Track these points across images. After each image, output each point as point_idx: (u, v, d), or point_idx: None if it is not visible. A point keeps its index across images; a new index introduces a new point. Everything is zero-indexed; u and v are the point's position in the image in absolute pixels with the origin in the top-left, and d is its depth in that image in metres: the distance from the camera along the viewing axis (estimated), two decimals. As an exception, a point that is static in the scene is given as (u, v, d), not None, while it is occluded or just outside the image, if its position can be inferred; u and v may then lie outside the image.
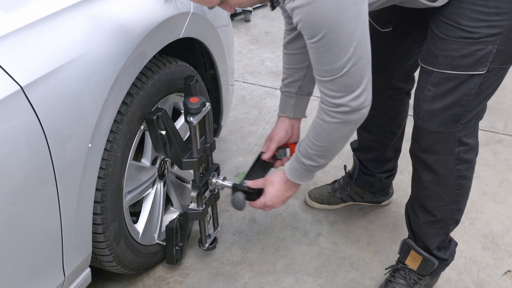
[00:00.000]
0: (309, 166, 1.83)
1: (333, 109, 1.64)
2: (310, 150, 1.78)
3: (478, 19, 1.68)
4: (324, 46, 1.52)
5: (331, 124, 1.67)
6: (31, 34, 1.53)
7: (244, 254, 2.41)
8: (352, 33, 1.50)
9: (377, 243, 2.50)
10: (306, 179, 1.92)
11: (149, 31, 1.84)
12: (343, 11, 1.46)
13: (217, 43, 2.35)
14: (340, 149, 1.81)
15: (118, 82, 1.74)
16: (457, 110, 1.82)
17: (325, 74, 1.58)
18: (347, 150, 3.02)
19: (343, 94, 1.60)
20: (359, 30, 1.51)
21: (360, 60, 1.54)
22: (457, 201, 2.01)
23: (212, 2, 1.62)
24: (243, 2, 1.65)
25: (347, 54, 1.52)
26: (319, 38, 1.50)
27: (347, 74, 1.55)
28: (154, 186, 2.21)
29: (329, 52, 1.53)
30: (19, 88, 1.44)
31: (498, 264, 2.39)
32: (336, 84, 1.58)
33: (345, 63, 1.53)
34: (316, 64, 1.59)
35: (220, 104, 2.57)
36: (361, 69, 1.57)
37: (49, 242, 1.65)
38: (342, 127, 1.68)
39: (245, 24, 4.74)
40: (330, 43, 1.50)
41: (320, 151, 1.77)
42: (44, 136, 1.51)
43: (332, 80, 1.58)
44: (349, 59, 1.53)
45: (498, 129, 3.32)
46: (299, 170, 1.87)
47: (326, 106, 1.65)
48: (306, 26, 1.51)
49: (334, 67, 1.55)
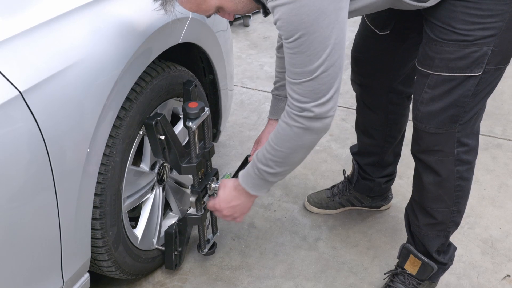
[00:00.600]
0: (263, 172, 1.81)
1: (297, 112, 1.64)
2: (268, 154, 1.77)
3: (471, 22, 1.69)
4: (298, 48, 1.53)
5: (293, 128, 1.67)
6: (30, 39, 1.54)
7: (243, 259, 2.41)
8: (327, 39, 1.51)
9: (376, 247, 2.50)
10: (257, 188, 1.88)
11: (148, 36, 1.84)
12: (321, 15, 1.48)
13: (216, 48, 2.36)
14: (297, 162, 1.79)
15: (117, 87, 1.74)
16: (454, 111, 1.83)
17: (296, 76, 1.59)
18: (346, 155, 3.03)
19: (309, 99, 1.60)
20: (335, 36, 1.52)
21: (331, 67, 1.55)
22: (457, 203, 2.02)
23: (208, 10, 1.65)
24: (239, 9, 1.67)
25: (319, 59, 1.53)
26: (294, 39, 1.52)
27: (317, 79, 1.56)
28: (153, 191, 2.21)
29: (302, 55, 1.54)
30: (18, 93, 1.44)
31: (497, 269, 2.39)
32: (304, 88, 1.59)
33: (317, 68, 1.55)
34: (288, 65, 1.60)
35: (219, 109, 2.57)
36: (331, 77, 1.57)
37: (48, 247, 1.65)
38: (303, 133, 1.67)
39: (244, 29, 4.75)
40: (304, 45, 1.52)
41: (277, 157, 1.76)
42: (43, 141, 1.51)
43: (300, 83, 1.59)
44: (321, 64, 1.54)
45: (496, 133, 3.33)
46: (253, 176, 1.85)
47: (291, 109, 1.66)
48: (283, 25, 1.52)
49: (305, 70, 1.56)
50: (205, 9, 1.64)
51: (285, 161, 1.77)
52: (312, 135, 1.68)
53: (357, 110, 2.42)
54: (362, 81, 2.29)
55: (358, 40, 2.22)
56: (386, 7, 1.77)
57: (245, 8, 1.67)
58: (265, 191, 1.90)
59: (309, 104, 1.61)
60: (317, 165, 3.01)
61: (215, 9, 1.66)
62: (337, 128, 3.33)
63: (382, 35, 2.08)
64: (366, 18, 2.13)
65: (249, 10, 1.69)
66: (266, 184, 1.86)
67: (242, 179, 1.89)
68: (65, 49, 1.61)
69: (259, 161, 1.80)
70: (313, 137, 1.69)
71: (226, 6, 1.64)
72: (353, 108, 3.30)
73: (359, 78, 2.30)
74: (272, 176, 1.82)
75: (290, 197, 2.77)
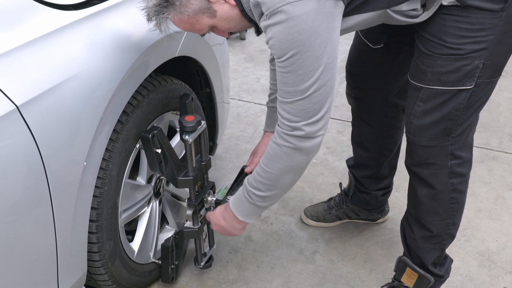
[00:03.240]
0: (253, 196, 1.80)
1: (287, 131, 1.64)
2: (258, 177, 1.77)
3: (462, 35, 1.70)
4: (290, 67, 1.54)
5: (283, 148, 1.67)
6: (27, 53, 1.54)
7: (240, 273, 2.41)
8: (319, 58, 1.53)
9: (373, 260, 2.49)
10: (246, 214, 1.86)
11: (144, 50, 1.85)
12: (313, 34, 1.49)
13: (212, 61, 2.36)
14: (287, 185, 1.78)
15: (114, 101, 1.75)
16: (447, 124, 1.84)
17: (287, 95, 1.60)
18: (343, 168, 3.03)
19: (300, 118, 1.61)
20: (327, 56, 1.54)
21: (323, 87, 1.56)
22: (452, 215, 2.02)
23: (202, 30, 1.68)
24: (232, 27, 1.69)
25: (311, 78, 1.54)
26: (287, 58, 1.53)
27: (308, 98, 1.57)
28: (149, 204, 2.20)
29: (294, 74, 1.55)
30: (15, 108, 1.44)
31: (494, 282, 2.39)
32: (296, 107, 1.60)
33: (308, 87, 1.55)
34: (280, 84, 1.61)
35: (215, 122, 2.57)
36: (323, 96, 1.58)
37: (44, 261, 1.65)
38: (293, 153, 1.67)
39: (241, 42, 4.77)
40: (296, 64, 1.53)
41: (267, 179, 1.75)
42: (40, 155, 1.51)
43: (292, 102, 1.60)
44: (313, 83, 1.55)
45: (492, 146, 3.33)
46: (243, 199, 1.84)
47: (281, 128, 1.66)
48: (275, 44, 1.53)
49: (297, 89, 1.57)
50: (199, 28, 1.67)
51: (275, 184, 1.76)
52: (302, 156, 1.68)
53: (353, 123, 2.43)
54: (357, 94, 2.29)
55: (353, 54, 2.23)
56: (378, 23, 1.78)
57: (237, 27, 1.70)
58: (254, 218, 1.89)
59: (300, 123, 1.61)
60: (314, 178, 3.01)
61: (209, 28, 1.68)
62: (333, 141, 3.34)
63: (376, 48, 2.09)
64: (360, 32, 2.14)
65: (242, 28, 1.71)
66: (256, 209, 1.85)
67: (232, 203, 1.89)
68: (62, 63, 1.61)
69: (249, 184, 1.80)
70: (302, 158, 1.69)
71: (219, 25, 1.67)
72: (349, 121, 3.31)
73: (354, 92, 2.31)
74: (261, 200, 1.81)
75: (287, 210, 2.77)
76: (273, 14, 1.50)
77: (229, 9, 1.64)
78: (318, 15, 1.49)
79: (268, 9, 1.51)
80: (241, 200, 1.85)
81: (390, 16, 1.69)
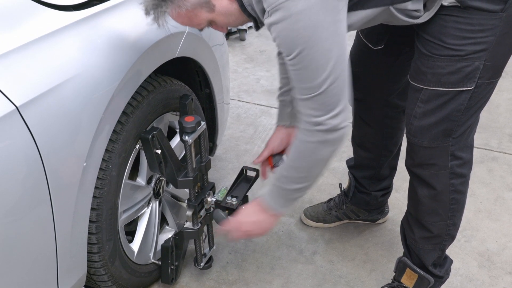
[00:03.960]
0: (286, 190, 1.79)
1: (311, 127, 1.64)
2: (289, 173, 1.76)
3: (463, 37, 1.70)
4: (301, 63, 1.54)
5: (310, 144, 1.67)
6: (26, 54, 1.54)
7: (240, 273, 2.40)
8: (328, 51, 1.52)
9: (373, 261, 2.49)
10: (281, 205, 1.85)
11: (144, 50, 1.85)
12: (318, 28, 1.49)
13: (212, 62, 2.36)
14: (318, 174, 1.77)
15: (114, 101, 1.75)
16: (447, 125, 1.84)
17: (304, 92, 1.59)
18: (343, 168, 3.03)
19: (322, 112, 1.60)
20: (337, 49, 1.53)
21: (338, 79, 1.56)
22: (453, 216, 2.02)
23: (200, 24, 1.66)
24: (230, 22, 1.67)
25: (324, 72, 1.54)
26: (295, 55, 1.52)
27: (325, 92, 1.57)
28: (149, 205, 2.20)
29: (306, 70, 1.55)
30: (15, 108, 1.44)
31: (494, 282, 2.39)
32: (315, 102, 1.59)
33: (323, 81, 1.55)
34: (295, 82, 1.61)
35: (215, 123, 2.57)
36: (339, 89, 1.58)
37: (44, 261, 1.65)
38: (321, 147, 1.67)
39: (240, 43, 4.76)
40: (307, 60, 1.52)
41: (298, 173, 1.75)
42: (39, 156, 1.51)
43: (310, 99, 1.59)
44: (327, 77, 1.54)
45: (492, 146, 3.33)
46: (276, 194, 1.83)
47: (304, 126, 1.65)
48: (282, 42, 1.53)
49: (312, 85, 1.56)
50: (197, 23, 1.65)
51: (307, 176, 1.76)
52: (329, 147, 1.67)
53: (353, 124, 2.43)
54: (358, 95, 2.29)
55: (353, 55, 2.23)
56: (379, 22, 1.78)
57: (236, 22, 1.68)
58: (288, 207, 1.87)
59: (322, 117, 1.61)
60: (314, 178, 3.00)
61: (207, 22, 1.66)
62: (333, 142, 3.33)
63: (377, 50, 2.09)
64: (361, 33, 2.14)
65: (241, 23, 1.70)
66: (290, 201, 1.84)
67: (264, 200, 1.86)
68: (62, 63, 1.61)
69: (280, 180, 1.78)
70: (330, 149, 1.68)
71: (217, 19, 1.65)
72: (349, 121, 3.31)
73: (355, 93, 2.30)
74: (295, 192, 1.80)
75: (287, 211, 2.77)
76: (275, 11, 1.49)
77: (228, 4, 1.63)
78: (321, 8, 1.48)
79: (269, 6, 1.50)
80: (273, 194, 1.83)
81: (392, 14, 1.69)
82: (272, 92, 3.91)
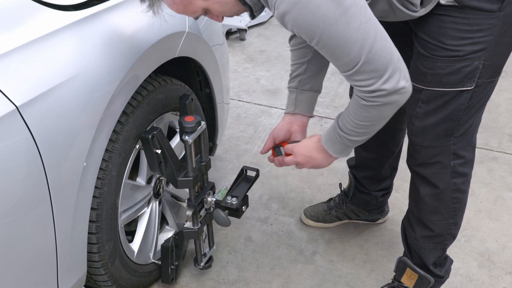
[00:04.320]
0: (346, 141, 1.76)
1: (369, 95, 1.58)
2: (351, 127, 1.71)
3: (461, 37, 1.70)
4: (329, 43, 1.50)
5: (371, 108, 1.62)
6: (26, 54, 1.54)
7: (239, 273, 2.40)
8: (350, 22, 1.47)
9: (373, 261, 2.49)
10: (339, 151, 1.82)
11: (144, 50, 1.85)
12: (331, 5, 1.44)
13: (212, 62, 2.36)
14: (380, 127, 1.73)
15: (114, 101, 1.75)
16: (449, 125, 1.84)
17: (346, 68, 1.55)
18: (343, 168, 3.03)
19: (373, 81, 1.55)
20: (359, 17, 1.48)
21: (375, 44, 1.50)
22: (454, 215, 2.02)
23: (195, 12, 1.63)
24: (225, 11, 1.64)
25: (356, 43, 1.49)
26: (319, 38, 1.49)
27: (367, 61, 1.51)
28: (149, 205, 2.20)
29: (336, 48, 1.50)
30: (15, 108, 1.44)
31: (494, 282, 2.39)
32: (361, 74, 1.54)
33: (359, 51, 1.50)
34: (334, 62, 1.57)
35: (215, 123, 2.57)
36: (381, 52, 1.52)
37: (44, 261, 1.65)
38: (383, 108, 1.62)
39: (240, 43, 4.76)
40: (332, 40, 1.49)
41: (361, 128, 1.70)
42: (39, 156, 1.51)
43: (355, 72, 1.55)
44: (362, 46, 1.49)
45: (492, 146, 3.33)
46: (335, 141, 1.79)
47: (363, 94, 1.60)
48: (300, 29, 1.50)
49: (350, 58, 1.52)
50: (192, 10, 1.62)
51: (369, 131, 1.72)
52: (393, 107, 1.63)
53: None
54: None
55: None
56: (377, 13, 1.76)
57: (232, 10, 1.64)
58: (346, 154, 1.84)
59: (375, 85, 1.55)
60: (314, 178, 3.01)
61: (202, 11, 1.63)
62: (333, 142, 3.33)
63: None
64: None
65: (236, 12, 1.66)
66: (348, 148, 1.81)
67: (325, 143, 1.83)
68: (62, 63, 1.61)
69: (343, 130, 1.74)
70: (394, 107, 1.63)
71: (212, 8, 1.62)
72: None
73: None
74: (355, 143, 1.77)
75: (287, 211, 2.77)
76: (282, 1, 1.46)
77: None
78: None
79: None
80: (334, 141, 1.79)
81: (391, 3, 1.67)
82: (272, 92, 3.92)
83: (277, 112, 3.64)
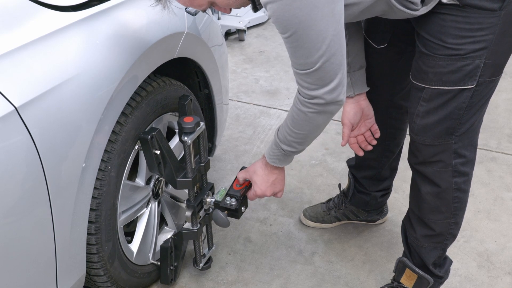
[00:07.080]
0: (288, 152, 1.87)
1: (308, 100, 1.67)
2: (289, 137, 1.82)
3: (462, 36, 1.71)
4: (296, 42, 1.55)
5: (308, 114, 1.71)
6: (26, 54, 1.54)
7: (239, 274, 2.40)
8: (323, 32, 1.53)
9: (372, 261, 2.49)
10: (285, 162, 1.95)
11: (143, 51, 1.85)
12: (313, 9, 1.49)
13: (211, 62, 2.36)
14: (315, 137, 1.85)
15: (113, 102, 1.75)
16: (450, 123, 1.84)
17: (300, 67, 1.62)
18: (342, 169, 3.04)
19: (318, 86, 1.63)
20: (332, 28, 1.54)
21: (333, 56, 1.57)
22: (455, 215, 2.02)
23: (202, 5, 1.66)
24: (231, 3, 1.67)
25: (319, 51, 1.55)
26: (290, 35, 1.54)
27: (321, 69, 1.58)
28: (148, 205, 2.20)
29: (301, 48, 1.56)
30: (14, 109, 1.44)
31: (493, 282, 2.39)
32: (311, 77, 1.62)
33: (318, 58, 1.56)
34: (291, 57, 1.63)
35: (214, 123, 2.57)
36: (335, 65, 1.59)
37: (43, 262, 1.65)
38: (318, 116, 1.71)
39: (239, 44, 4.76)
40: (301, 39, 1.54)
41: (298, 138, 1.81)
42: (38, 156, 1.51)
43: (306, 74, 1.61)
44: (322, 55, 1.56)
45: (491, 147, 3.34)
46: (279, 155, 1.90)
47: (302, 97, 1.69)
48: (277, 21, 1.54)
49: (308, 61, 1.58)
50: (198, 3, 1.65)
51: (305, 140, 1.83)
52: (327, 115, 1.72)
53: (357, 123, 2.42)
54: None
55: None
56: (376, 13, 1.78)
57: (237, 2, 1.68)
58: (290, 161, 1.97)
59: (318, 91, 1.64)
60: (313, 179, 3.01)
61: (208, 3, 1.66)
62: (332, 142, 3.34)
63: (380, 49, 2.08)
64: (364, 31, 2.14)
65: (241, 4, 1.69)
66: (290, 157, 1.94)
67: (269, 159, 1.94)
68: (61, 64, 1.61)
69: (282, 142, 1.85)
70: (328, 116, 1.73)
71: (218, 0, 1.65)
72: (348, 122, 3.31)
73: None
74: (295, 153, 1.89)
75: (286, 211, 2.77)
76: None
77: None
78: None
79: None
80: (277, 155, 1.91)
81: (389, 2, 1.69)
82: (271, 93, 3.92)
83: (276, 112, 3.65)
